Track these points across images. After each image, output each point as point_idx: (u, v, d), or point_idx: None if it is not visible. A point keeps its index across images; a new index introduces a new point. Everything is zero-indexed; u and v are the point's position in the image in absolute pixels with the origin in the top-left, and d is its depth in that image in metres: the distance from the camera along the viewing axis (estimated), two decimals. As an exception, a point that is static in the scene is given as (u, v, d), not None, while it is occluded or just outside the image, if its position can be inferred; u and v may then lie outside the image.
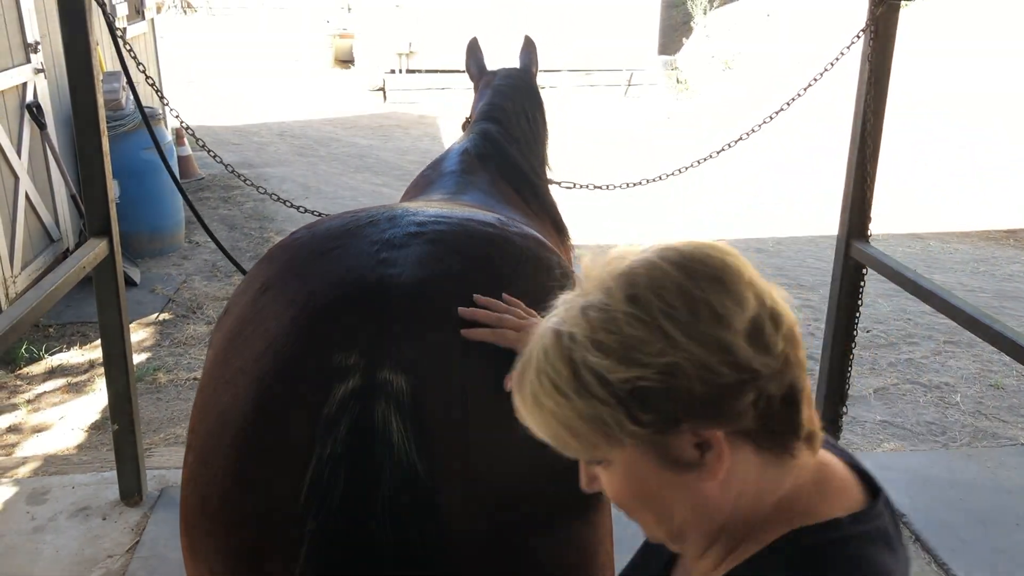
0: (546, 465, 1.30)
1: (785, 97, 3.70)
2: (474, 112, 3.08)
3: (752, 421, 0.96)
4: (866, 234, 3.61)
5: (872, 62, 3.36)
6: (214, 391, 1.39)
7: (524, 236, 1.56)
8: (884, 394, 4.86)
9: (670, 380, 0.92)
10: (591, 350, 0.95)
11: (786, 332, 0.98)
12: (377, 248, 1.40)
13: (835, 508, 1.04)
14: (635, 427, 0.95)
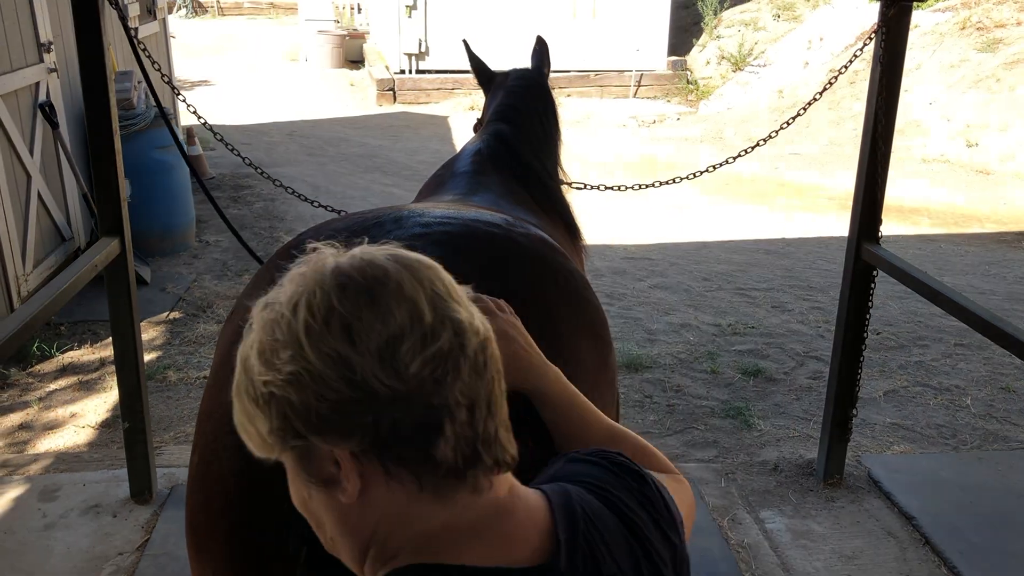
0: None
1: (796, 97, 3.69)
2: (486, 113, 3.08)
3: (375, 444, 0.90)
4: (877, 236, 3.60)
5: (883, 64, 3.35)
6: (219, 392, 1.39)
7: (529, 237, 1.56)
8: (894, 396, 4.85)
9: (291, 389, 0.89)
10: (253, 349, 0.93)
11: (433, 354, 0.91)
12: None
13: (478, 555, 0.96)
14: (270, 435, 0.93)
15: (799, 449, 4.22)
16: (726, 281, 6.72)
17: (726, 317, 5.94)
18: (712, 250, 7.63)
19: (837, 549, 3.47)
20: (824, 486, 3.88)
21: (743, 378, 5.00)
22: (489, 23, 14.92)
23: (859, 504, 3.76)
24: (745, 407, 4.64)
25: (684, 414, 4.57)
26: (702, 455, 4.17)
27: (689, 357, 5.26)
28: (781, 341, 5.56)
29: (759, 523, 3.62)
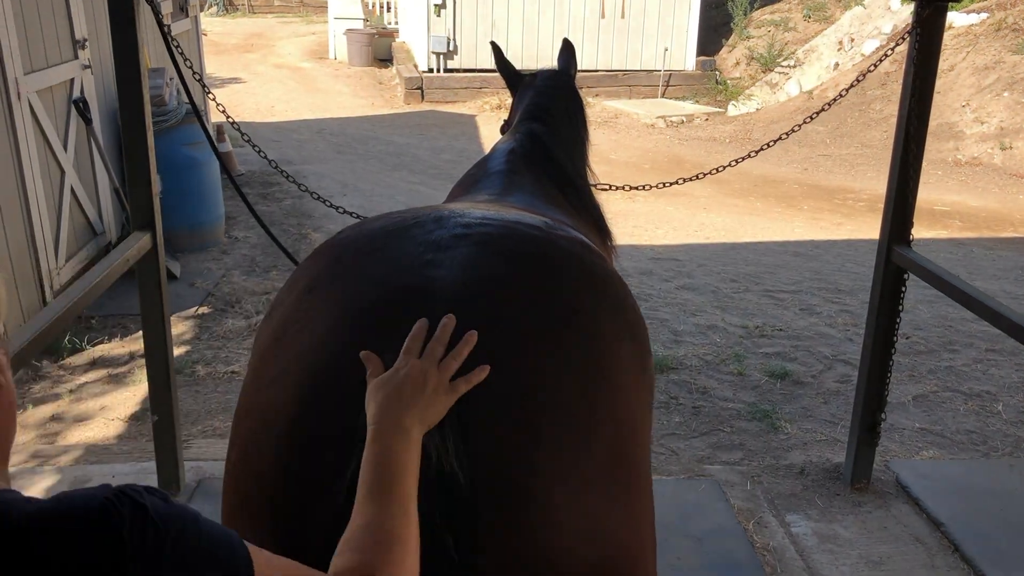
0: (596, 477, 1.29)
1: (826, 99, 3.67)
2: (513, 114, 3.08)
3: None
4: (908, 239, 3.56)
5: (917, 64, 3.32)
6: (257, 389, 1.39)
7: (571, 240, 1.55)
8: (923, 401, 4.80)
9: None
10: None
11: None
12: (423, 249, 1.40)
13: None
14: None
15: (826, 453, 4.19)
16: (754, 283, 6.68)
17: (753, 319, 5.91)
18: (740, 251, 7.58)
19: (864, 554, 3.44)
20: (851, 490, 3.84)
21: (770, 381, 4.97)
22: (518, 23, 14.93)
23: (887, 509, 3.73)
24: (772, 410, 4.60)
25: (710, 416, 4.55)
26: (728, 457, 4.15)
27: (715, 359, 5.24)
28: (809, 344, 5.52)
29: (785, 527, 3.59)
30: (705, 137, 12.70)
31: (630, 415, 1.37)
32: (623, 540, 1.33)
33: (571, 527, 1.25)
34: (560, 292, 1.41)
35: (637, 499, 1.37)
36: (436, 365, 1.23)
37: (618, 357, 1.39)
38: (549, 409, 1.26)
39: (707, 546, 3.43)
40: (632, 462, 1.36)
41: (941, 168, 10.45)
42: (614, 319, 1.44)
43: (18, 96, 5.03)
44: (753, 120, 13.42)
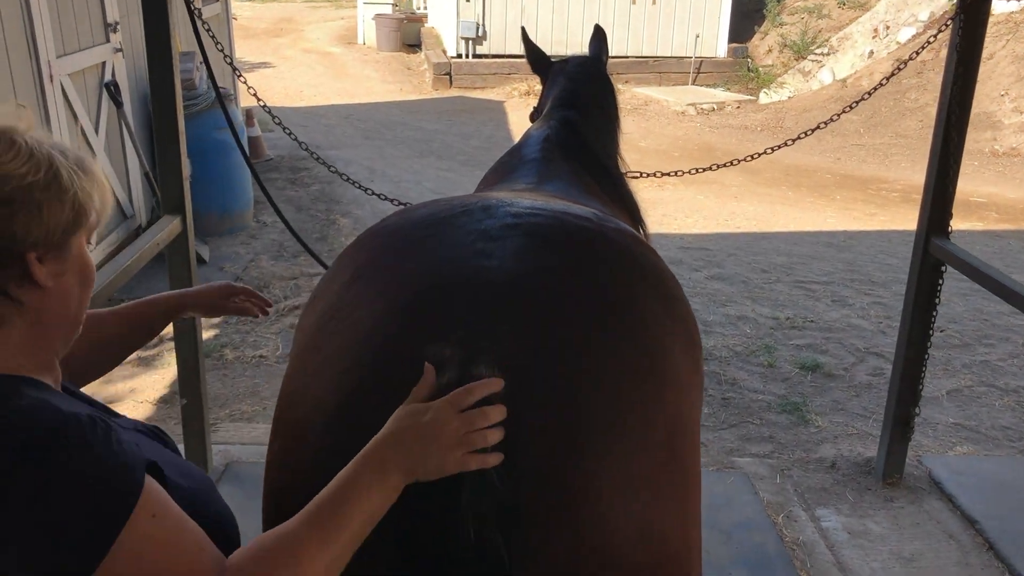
0: (650, 478, 1.26)
1: (860, 88, 3.59)
2: (543, 101, 3.05)
3: None
4: (947, 230, 3.49)
5: (960, 51, 3.24)
6: (304, 379, 1.37)
7: (621, 232, 1.51)
8: (958, 396, 4.72)
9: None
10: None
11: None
12: (473, 239, 1.37)
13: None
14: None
15: (857, 447, 4.13)
16: (785, 273, 6.60)
17: (784, 310, 5.84)
18: (771, 241, 7.50)
19: (895, 551, 3.39)
20: (883, 485, 3.79)
21: (801, 373, 4.91)
22: (547, 8, 14.83)
23: (919, 505, 3.67)
24: (802, 402, 4.55)
25: (739, 408, 4.50)
26: (757, 450, 4.10)
27: (745, 350, 5.18)
28: (841, 336, 5.44)
29: (815, 521, 3.55)
30: (736, 125, 12.56)
31: (683, 413, 1.34)
32: (674, 544, 1.29)
33: (624, 529, 1.22)
34: (613, 286, 1.37)
35: (688, 501, 1.34)
36: (460, 418, 1.16)
37: (671, 353, 1.35)
38: (602, 406, 1.22)
39: (735, 540, 3.39)
40: (685, 462, 1.33)
41: (978, 158, 10.27)
42: (667, 314, 1.40)
43: (50, 79, 5.06)
44: (785, 108, 13.26)
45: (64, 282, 1.27)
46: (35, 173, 1.21)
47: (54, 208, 1.22)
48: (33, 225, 1.20)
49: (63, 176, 1.23)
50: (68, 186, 1.23)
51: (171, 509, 1.15)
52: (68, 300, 1.29)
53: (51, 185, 1.22)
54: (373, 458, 1.18)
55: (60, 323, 1.30)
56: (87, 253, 1.32)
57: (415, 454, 1.16)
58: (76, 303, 1.31)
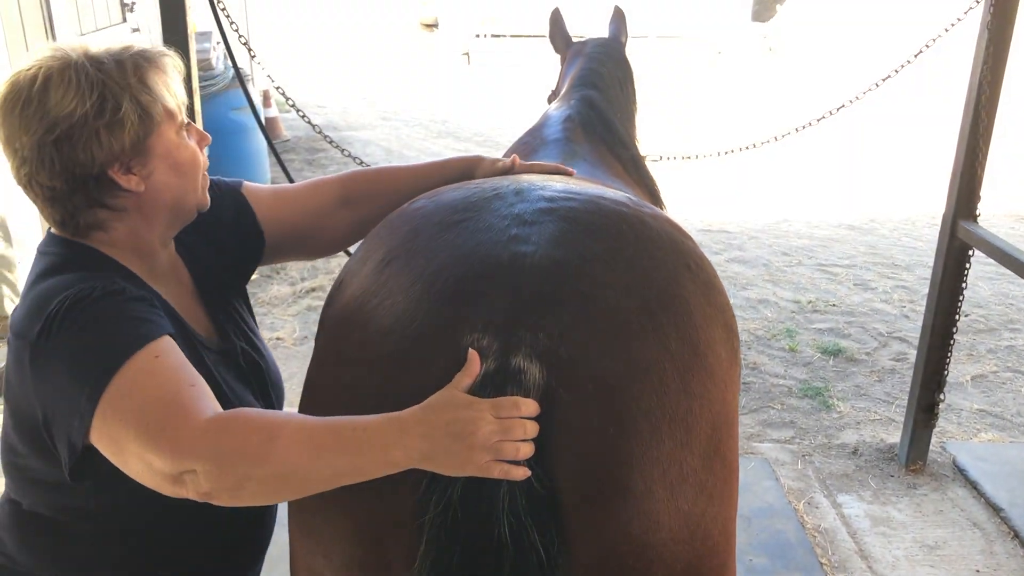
0: (694, 471, 1.23)
1: (888, 66, 3.52)
2: (561, 83, 3.00)
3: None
4: (974, 213, 3.42)
5: (992, 30, 3.16)
6: (334, 365, 1.34)
7: (658, 218, 1.46)
8: (982, 382, 4.64)
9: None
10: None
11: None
12: (507, 223, 1.32)
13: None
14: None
15: (880, 433, 4.07)
16: (807, 256, 6.52)
17: (806, 294, 5.77)
18: (792, 224, 7.41)
19: (918, 538, 3.34)
20: (906, 472, 3.74)
21: (823, 357, 4.85)
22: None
23: (943, 492, 3.62)
24: (824, 387, 4.49)
25: (760, 392, 4.45)
26: (778, 435, 4.06)
27: (767, 334, 5.12)
28: (863, 320, 5.37)
29: (836, 507, 3.50)
30: (759, 105, 12.42)
31: (725, 405, 1.30)
32: (716, 538, 1.27)
33: (670, 525, 1.19)
34: (656, 274, 1.31)
35: (730, 497, 1.31)
36: (498, 423, 1.13)
37: (713, 343, 1.31)
38: (646, 397, 1.18)
39: (756, 526, 3.35)
40: (727, 456, 1.29)
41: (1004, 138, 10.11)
42: (708, 303, 1.35)
43: (67, 60, 5.04)
44: (808, 87, 13.09)
45: (155, 180, 1.42)
46: (84, 104, 1.32)
47: (113, 128, 1.34)
48: (96, 150, 1.34)
49: (114, 97, 1.34)
50: (120, 103, 1.34)
51: (175, 356, 1.29)
52: (164, 193, 1.44)
53: (103, 110, 1.33)
54: (396, 424, 1.16)
55: (160, 213, 1.46)
56: (177, 143, 1.44)
57: (438, 443, 1.13)
58: (174, 192, 1.45)
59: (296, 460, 1.16)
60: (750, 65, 14.68)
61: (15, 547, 1.48)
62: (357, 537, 1.25)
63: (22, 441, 1.38)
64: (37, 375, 1.29)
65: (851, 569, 3.16)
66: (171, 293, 1.52)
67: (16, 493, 1.47)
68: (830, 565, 3.18)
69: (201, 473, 1.17)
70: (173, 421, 1.20)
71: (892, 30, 13.70)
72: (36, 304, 1.32)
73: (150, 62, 1.41)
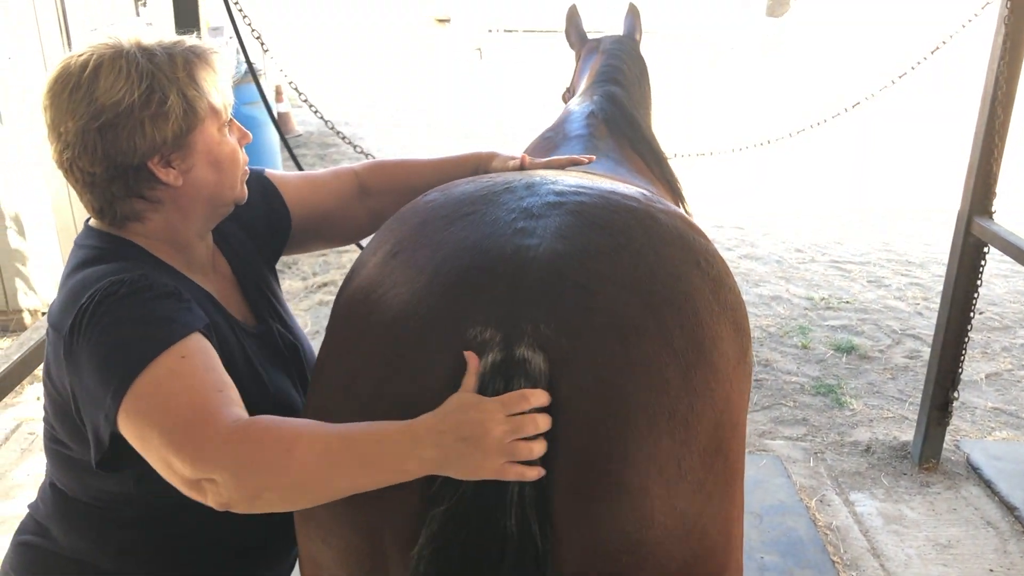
0: (693, 469, 1.21)
1: (899, 64, 3.49)
2: (577, 79, 3.00)
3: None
4: (990, 210, 3.40)
5: (1009, 25, 3.13)
6: (340, 355, 1.34)
7: (669, 213, 1.44)
8: (997, 380, 4.61)
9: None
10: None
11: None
12: (514, 217, 1.31)
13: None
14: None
15: (893, 431, 4.05)
16: (820, 253, 6.49)
17: (819, 290, 5.74)
18: (806, 220, 7.38)
19: (931, 536, 3.32)
20: (919, 470, 3.72)
21: (835, 354, 4.82)
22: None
23: (956, 491, 3.59)
24: (837, 385, 4.47)
25: (772, 390, 4.43)
26: (790, 433, 4.04)
27: (779, 331, 5.10)
28: (877, 317, 5.34)
29: (849, 505, 3.49)
30: (772, 101, 12.36)
31: (730, 405, 1.28)
32: (714, 538, 1.25)
33: (663, 521, 1.18)
34: (662, 269, 1.30)
35: (731, 496, 1.29)
36: (509, 422, 1.12)
37: (720, 341, 1.29)
38: (644, 393, 1.17)
39: (767, 523, 3.34)
40: (730, 456, 1.28)
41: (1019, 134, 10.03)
42: (716, 300, 1.33)
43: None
44: (823, 82, 13.03)
45: (194, 175, 1.43)
46: (131, 94, 1.33)
47: (158, 120, 1.35)
48: (139, 140, 1.35)
49: (161, 89, 1.35)
50: (167, 95, 1.35)
51: (202, 357, 1.29)
52: (202, 188, 1.45)
53: (150, 101, 1.34)
54: (409, 434, 1.15)
55: (197, 207, 1.47)
56: (219, 140, 1.45)
57: (451, 450, 1.13)
58: (212, 188, 1.46)
59: (312, 472, 1.17)
60: (760, 62, 14.61)
61: (60, 532, 1.50)
62: (354, 525, 1.25)
63: (62, 427, 1.41)
64: (70, 367, 1.31)
65: (863, 567, 3.15)
66: (210, 282, 1.54)
67: (59, 479, 1.50)
68: (842, 563, 3.17)
69: (220, 482, 1.18)
70: (196, 428, 1.20)
71: (900, 30, 13.63)
72: (70, 297, 1.34)
73: (200, 58, 1.42)
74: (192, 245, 1.51)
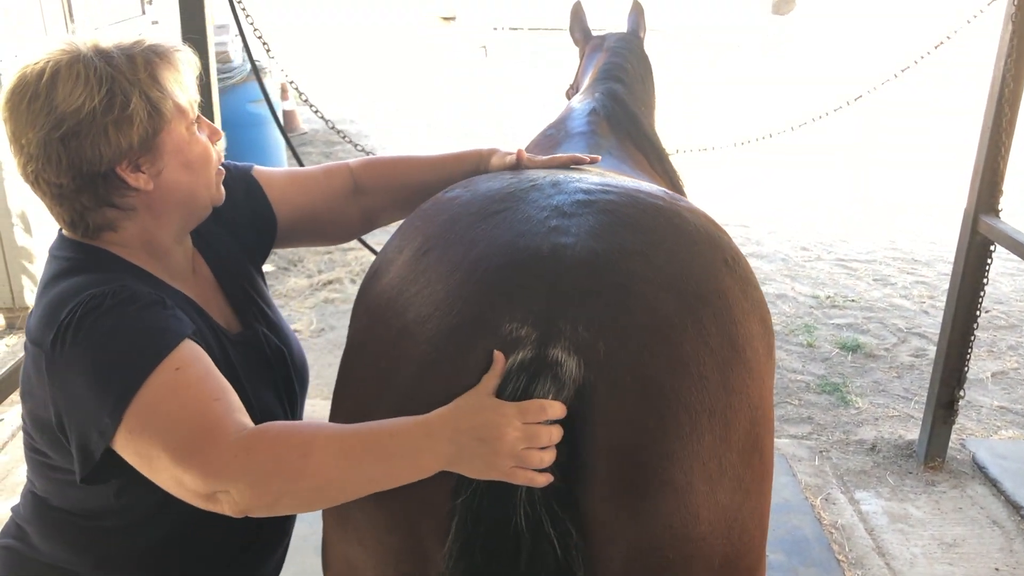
0: (733, 465, 1.22)
1: (905, 59, 3.48)
2: (580, 77, 3.00)
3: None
4: (997, 208, 3.38)
5: (1016, 22, 3.12)
6: (374, 352, 1.34)
7: (694, 212, 1.45)
8: (1003, 378, 4.60)
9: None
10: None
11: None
12: (547, 215, 1.31)
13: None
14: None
15: (899, 429, 4.04)
16: (826, 251, 6.48)
17: (824, 289, 5.73)
18: (811, 218, 7.36)
19: (937, 535, 3.32)
20: (925, 469, 3.71)
21: (841, 353, 4.81)
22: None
23: (962, 490, 3.59)
24: (842, 383, 4.46)
25: (778, 388, 4.42)
26: (795, 431, 4.03)
27: (784, 329, 5.09)
28: (882, 316, 5.33)
29: (854, 504, 3.48)
30: (777, 97, 12.34)
31: (763, 400, 1.29)
32: (752, 534, 1.27)
33: (708, 517, 1.19)
34: (694, 267, 1.31)
35: (766, 492, 1.31)
36: (523, 429, 1.13)
37: (751, 337, 1.30)
38: (686, 392, 1.17)
39: (772, 522, 3.30)
40: (764, 451, 1.29)
41: (1026, 134, 10.00)
42: (745, 297, 1.34)
43: (87, 52, 5.07)
44: (829, 78, 13.00)
45: (165, 178, 1.38)
46: (92, 99, 1.29)
47: (122, 125, 1.31)
48: (103, 147, 1.30)
49: (123, 92, 1.30)
50: (130, 98, 1.31)
51: (198, 366, 1.27)
52: (175, 191, 1.40)
53: (112, 105, 1.30)
54: (424, 428, 1.16)
55: (171, 211, 1.42)
56: (188, 140, 1.40)
57: (464, 448, 1.13)
58: (186, 190, 1.42)
59: (330, 473, 1.18)
60: (765, 59, 14.59)
61: (39, 538, 1.49)
62: (390, 525, 1.25)
63: (42, 439, 1.38)
64: (53, 383, 1.28)
65: (868, 566, 3.14)
66: (191, 287, 1.50)
67: (39, 486, 1.47)
68: (847, 562, 3.16)
69: (235, 493, 1.18)
70: (202, 442, 1.19)
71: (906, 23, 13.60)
72: (49, 311, 1.30)
73: (162, 57, 1.37)
74: (170, 251, 1.47)
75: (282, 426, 1.23)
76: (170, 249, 1.47)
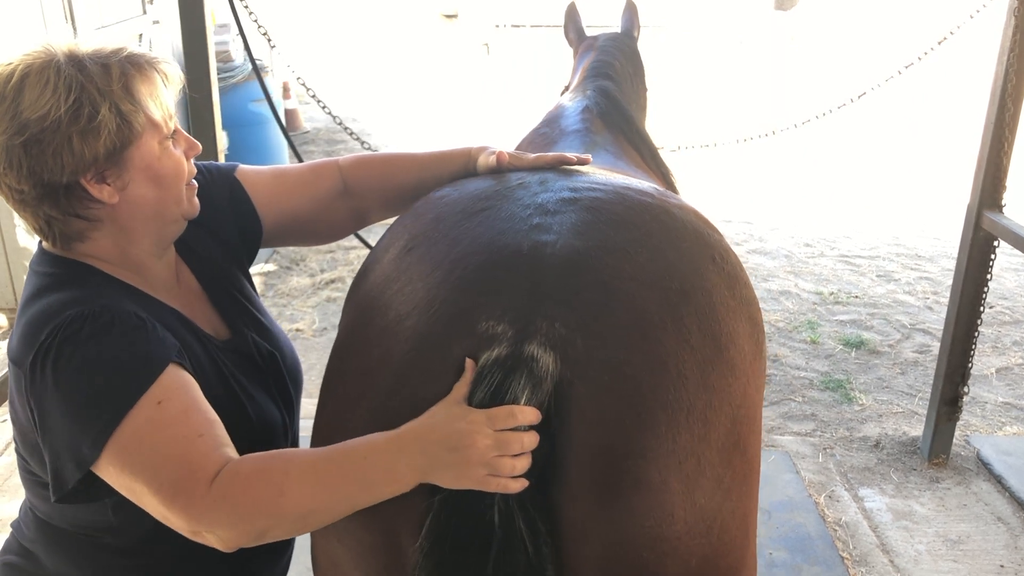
0: (712, 465, 1.21)
1: (912, 53, 3.47)
2: (573, 77, 3.00)
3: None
4: (1000, 204, 3.37)
5: (1018, 16, 3.10)
6: (357, 351, 1.34)
7: (683, 209, 1.44)
8: (1007, 374, 4.59)
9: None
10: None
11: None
12: (530, 213, 1.31)
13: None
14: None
15: (902, 426, 4.03)
16: (829, 247, 6.46)
17: (828, 285, 5.72)
18: (814, 214, 7.34)
19: (941, 532, 3.31)
20: (929, 466, 3.70)
21: (844, 349, 4.80)
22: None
23: (966, 486, 3.58)
24: (846, 380, 4.45)
25: (781, 385, 4.41)
26: (799, 428, 4.02)
27: (788, 326, 5.08)
28: (886, 312, 5.32)
29: (858, 501, 3.47)
30: (778, 94, 12.31)
31: (747, 399, 1.28)
32: (733, 534, 1.25)
33: (684, 516, 1.17)
34: (679, 265, 1.30)
35: (748, 492, 1.29)
36: (494, 437, 1.11)
37: (736, 336, 1.29)
38: (663, 390, 1.16)
39: (776, 519, 3.33)
40: (748, 452, 1.27)
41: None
42: (732, 296, 1.33)
43: (88, 52, 5.06)
44: (830, 76, 12.97)
45: (131, 192, 1.34)
46: (58, 108, 1.24)
47: (87, 136, 1.26)
48: (66, 157, 1.26)
49: (91, 103, 1.26)
50: (98, 109, 1.26)
51: (183, 396, 1.24)
52: (142, 205, 1.36)
53: (79, 115, 1.25)
54: (395, 443, 1.16)
55: (138, 226, 1.38)
56: (159, 155, 1.35)
57: (435, 458, 1.13)
58: (153, 205, 1.37)
59: (310, 504, 1.18)
60: (770, 55, 14.55)
61: (44, 556, 1.48)
62: (367, 523, 1.25)
63: (32, 458, 1.37)
64: (31, 404, 1.26)
65: (872, 563, 3.14)
66: (175, 298, 1.47)
67: (36, 506, 1.47)
68: (851, 559, 3.15)
69: (221, 532, 1.19)
70: (184, 485, 1.18)
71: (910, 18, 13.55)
72: (28, 331, 1.27)
73: (139, 69, 1.33)
74: (146, 264, 1.43)
75: (254, 463, 1.21)
76: (146, 262, 1.43)
